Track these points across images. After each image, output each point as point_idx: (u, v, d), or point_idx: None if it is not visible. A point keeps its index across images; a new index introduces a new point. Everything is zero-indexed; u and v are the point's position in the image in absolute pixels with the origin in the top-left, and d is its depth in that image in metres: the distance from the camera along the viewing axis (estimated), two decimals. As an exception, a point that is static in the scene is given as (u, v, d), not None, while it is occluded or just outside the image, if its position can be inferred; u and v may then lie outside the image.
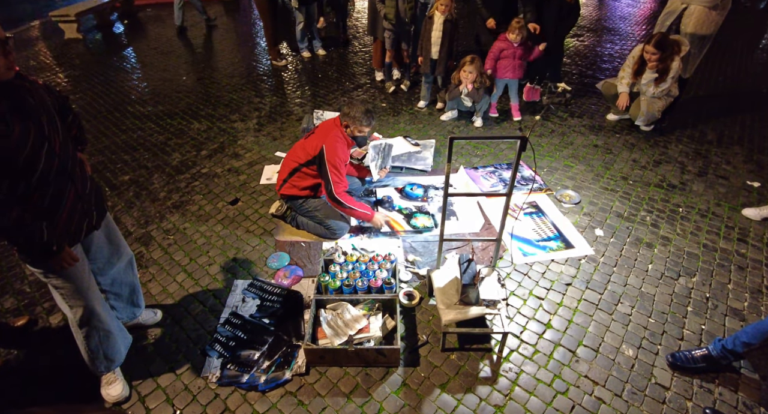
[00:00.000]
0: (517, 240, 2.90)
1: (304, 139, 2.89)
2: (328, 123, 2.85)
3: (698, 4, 3.73)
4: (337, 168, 2.72)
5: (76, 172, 1.68)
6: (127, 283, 2.17)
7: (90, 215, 1.78)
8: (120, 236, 2.08)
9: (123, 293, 2.17)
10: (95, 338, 1.93)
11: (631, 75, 3.89)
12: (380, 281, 2.40)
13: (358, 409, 2.00)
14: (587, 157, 3.80)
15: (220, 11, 8.79)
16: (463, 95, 4.10)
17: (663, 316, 2.40)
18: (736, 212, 3.15)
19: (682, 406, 1.99)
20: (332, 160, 2.70)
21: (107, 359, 2.00)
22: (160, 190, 3.50)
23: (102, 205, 1.89)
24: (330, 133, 2.75)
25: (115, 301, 2.16)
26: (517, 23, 3.89)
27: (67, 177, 1.61)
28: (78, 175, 1.69)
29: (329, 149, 2.69)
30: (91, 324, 1.89)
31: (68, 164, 1.61)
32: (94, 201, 1.81)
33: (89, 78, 5.70)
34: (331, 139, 2.72)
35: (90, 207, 1.77)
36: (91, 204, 1.78)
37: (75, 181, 1.66)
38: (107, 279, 2.07)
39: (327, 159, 2.69)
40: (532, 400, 2.02)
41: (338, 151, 2.72)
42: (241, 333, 2.31)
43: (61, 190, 1.59)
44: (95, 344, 1.94)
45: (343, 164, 2.77)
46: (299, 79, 5.55)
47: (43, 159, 1.48)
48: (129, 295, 2.21)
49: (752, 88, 5.18)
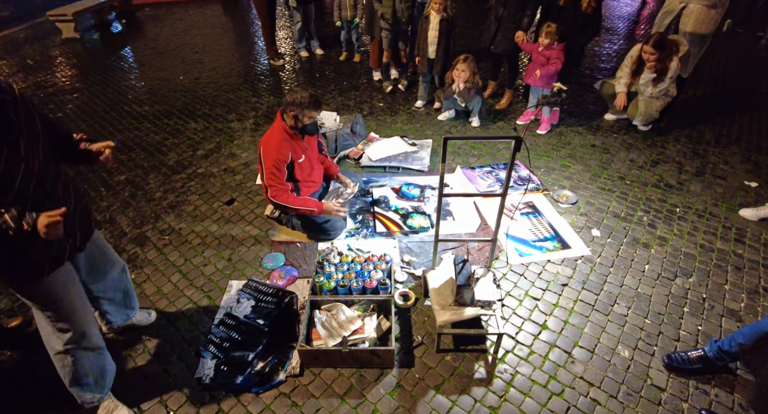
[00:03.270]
0: (513, 240, 2.89)
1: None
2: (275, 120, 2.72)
3: (697, 3, 3.72)
4: (277, 167, 2.59)
5: (58, 191, 1.58)
6: (120, 288, 2.14)
7: (73, 236, 1.68)
8: (111, 251, 2.04)
9: (116, 298, 2.15)
10: (85, 362, 1.83)
11: (629, 75, 3.87)
12: (375, 282, 2.39)
13: (353, 410, 1.99)
14: (584, 157, 3.79)
15: (219, 11, 8.79)
16: (455, 94, 4.08)
17: (659, 317, 2.39)
18: (734, 212, 3.14)
19: (678, 408, 1.98)
20: (267, 160, 2.59)
21: (97, 385, 1.91)
22: (155, 190, 3.48)
23: (88, 225, 1.81)
24: (269, 131, 2.65)
25: (108, 305, 2.14)
26: (548, 28, 3.82)
27: (46, 197, 1.51)
28: (60, 194, 1.59)
29: (265, 151, 2.59)
30: (81, 345, 1.79)
31: (47, 184, 1.51)
32: (79, 221, 1.72)
33: (86, 77, 5.69)
34: (266, 138, 2.62)
35: (73, 228, 1.67)
36: (74, 225, 1.68)
37: (56, 200, 1.56)
38: (100, 286, 2.02)
39: (263, 162, 2.60)
40: (527, 402, 2.01)
41: (271, 152, 2.57)
42: (236, 334, 2.30)
43: (39, 210, 1.44)
44: (85, 369, 1.84)
45: (281, 163, 2.61)
46: (297, 79, 5.54)
47: (19, 177, 1.39)
48: (122, 298, 2.18)
49: (750, 88, 5.17)
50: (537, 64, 3.96)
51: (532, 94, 4.20)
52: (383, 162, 3.71)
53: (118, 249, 2.92)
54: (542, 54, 3.89)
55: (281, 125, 2.64)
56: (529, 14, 4.00)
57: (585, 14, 3.89)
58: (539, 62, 3.93)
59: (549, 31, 3.79)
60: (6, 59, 6.46)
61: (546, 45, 3.85)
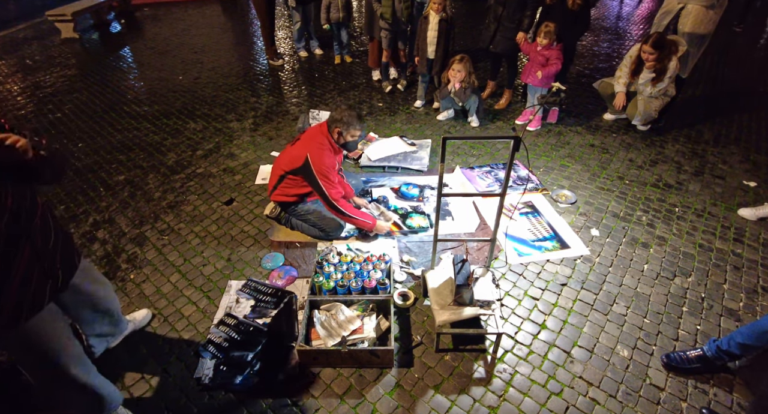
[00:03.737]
0: (512, 240, 2.89)
1: (290, 145, 2.84)
2: (312, 131, 2.77)
3: (696, 4, 3.72)
4: (327, 176, 2.65)
5: (36, 224, 1.42)
6: (113, 322, 2.09)
7: (54, 276, 1.50)
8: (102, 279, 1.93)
9: (104, 331, 2.10)
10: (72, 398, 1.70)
11: (628, 74, 3.88)
12: (374, 282, 2.39)
13: (352, 410, 1.99)
14: (584, 157, 3.79)
15: (218, 11, 8.79)
16: (451, 94, 4.08)
17: (658, 317, 2.39)
18: (733, 212, 3.14)
19: (677, 407, 1.98)
20: (320, 169, 2.62)
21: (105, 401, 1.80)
22: (155, 191, 3.48)
23: (72, 261, 1.62)
24: (314, 141, 2.68)
25: (94, 339, 2.10)
26: (546, 28, 3.83)
27: (21, 232, 1.36)
28: (38, 227, 1.43)
29: (315, 158, 2.62)
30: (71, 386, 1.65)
31: (22, 218, 1.36)
32: (60, 257, 1.54)
33: (85, 78, 5.69)
34: (315, 147, 2.65)
35: (53, 266, 1.49)
36: (54, 262, 1.50)
37: (32, 236, 1.40)
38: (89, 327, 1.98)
39: (314, 169, 2.62)
40: (526, 402, 2.01)
41: (324, 159, 2.63)
42: (235, 334, 2.29)
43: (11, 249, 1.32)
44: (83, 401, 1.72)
45: (332, 171, 2.69)
46: (296, 79, 5.54)
47: None
48: (111, 329, 2.14)
49: (749, 87, 5.18)
50: (535, 64, 3.96)
51: (531, 94, 4.20)
52: (382, 162, 3.71)
53: (117, 249, 2.92)
54: (541, 54, 3.90)
55: (328, 137, 2.70)
56: (530, 15, 4.00)
57: (573, 12, 3.92)
58: (538, 62, 3.94)
59: (547, 30, 3.79)
60: (5, 59, 6.45)
61: (544, 45, 3.85)
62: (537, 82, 3.99)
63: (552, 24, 3.80)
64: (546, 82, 3.93)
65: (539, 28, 3.90)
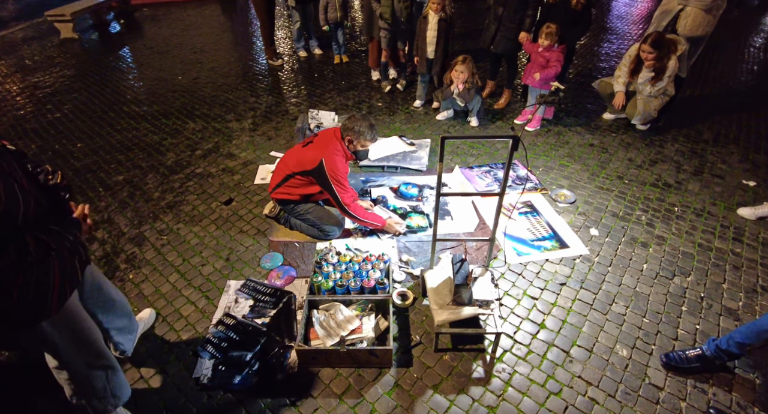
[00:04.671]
0: (511, 239, 2.89)
1: (300, 146, 2.82)
2: (326, 135, 2.77)
3: (695, 6, 3.72)
4: (340, 181, 2.68)
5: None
6: (125, 313, 2.10)
7: (77, 251, 1.62)
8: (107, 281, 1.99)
9: (123, 325, 2.10)
10: (102, 378, 1.78)
11: (627, 74, 3.88)
12: (373, 281, 2.39)
13: (350, 410, 1.99)
14: (583, 157, 3.79)
15: (217, 11, 8.79)
16: (455, 95, 4.08)
17: (657, 316, 2.39)
18: (732, 211, 3.14)
19: (676, 407, 1.98)
20: (334, 174, 2.64)
21: (114, 396, 1.86)
22: (154, 191, 3.48)
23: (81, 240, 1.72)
24: (329, 146, 2.68)
25: (118, 335, 2.09)
26: (548, 29, 3.82)
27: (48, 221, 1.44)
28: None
29: (329, 163, 2.62)
30: (98, 364, 1.75)
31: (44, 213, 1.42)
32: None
33: (85, 78, 5.69)
34: (330, 152, 2.65)
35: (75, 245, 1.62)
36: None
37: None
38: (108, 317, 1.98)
39: (329, 174, 2.62)
40: (525, 401, 2.01)
41: (338, 165, 2.65)
42: (234, 334, 2.29)
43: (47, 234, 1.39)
44: (102, 383, 1.79)
45: (344, 177, 2.71)
46: (295, 79, 5.54)
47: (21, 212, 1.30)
48: (128, 323, 2.14)
49: (748, 87, 5.18)
50: (536, 65, 3.95)
51: (531, 94, 4.20)
52: (381, 162, 3.71)
53: (116, 249, 2.92)
54: (542, 55, 3.89)
55: (342, 144, 2.73)
56: (531, 14, 4.00)
57: (576, 11, 3.91)
58: (539, 63, 3.93)
59: (549, 31, 3.79)
60: (4, 59, 6.45)
61: (546, 46, 3.84)
62: (536, 84, 3.99)
63: (554, 25, 3.79)
64: (545, 82, 3.92)
65: (540, 29, 3.90)
